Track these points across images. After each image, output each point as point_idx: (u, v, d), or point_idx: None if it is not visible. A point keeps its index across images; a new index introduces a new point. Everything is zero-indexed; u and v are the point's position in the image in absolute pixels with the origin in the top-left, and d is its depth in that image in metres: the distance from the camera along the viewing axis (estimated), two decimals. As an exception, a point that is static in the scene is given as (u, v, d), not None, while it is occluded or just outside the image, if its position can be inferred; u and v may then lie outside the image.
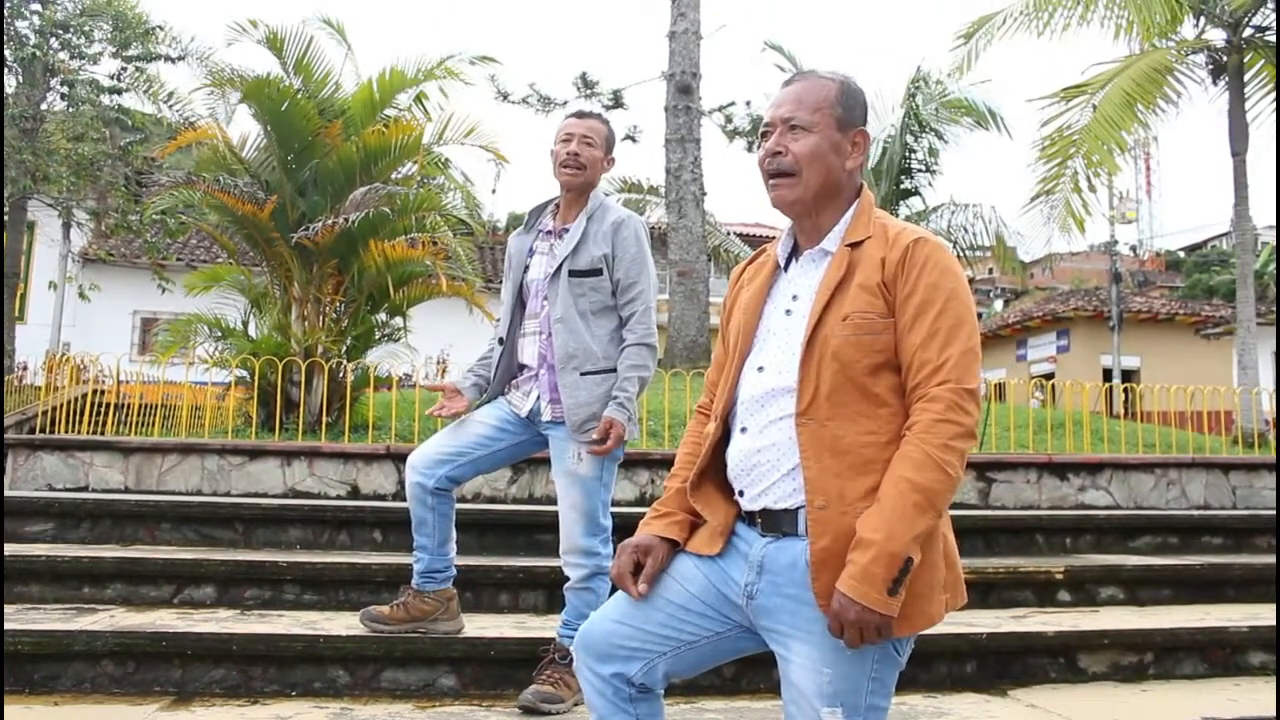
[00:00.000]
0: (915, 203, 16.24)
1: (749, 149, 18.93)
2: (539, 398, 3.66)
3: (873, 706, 1.96)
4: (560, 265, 3.63)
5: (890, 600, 1.83)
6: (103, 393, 10.28)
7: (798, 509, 1.99)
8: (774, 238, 2.26)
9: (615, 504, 6.41)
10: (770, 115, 2.13)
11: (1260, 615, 4.87)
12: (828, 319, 2.00)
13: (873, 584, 1.82)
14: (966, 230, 16.03)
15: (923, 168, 16.05)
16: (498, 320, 3.95)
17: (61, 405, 9.99)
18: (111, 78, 17.18)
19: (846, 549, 1.89)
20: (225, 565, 4.68)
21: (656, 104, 14.86)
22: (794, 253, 2.20)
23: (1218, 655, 4.52)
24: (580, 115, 3.80)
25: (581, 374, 3.57)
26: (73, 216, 18.34)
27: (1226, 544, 6.36)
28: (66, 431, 9.71)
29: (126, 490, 6.66)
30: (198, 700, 3.70)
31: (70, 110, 16.91)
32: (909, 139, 15.58)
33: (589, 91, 18.20)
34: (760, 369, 2.09)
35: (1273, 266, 38.12)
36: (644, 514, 2.26)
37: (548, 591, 4.62)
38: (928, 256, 1.99)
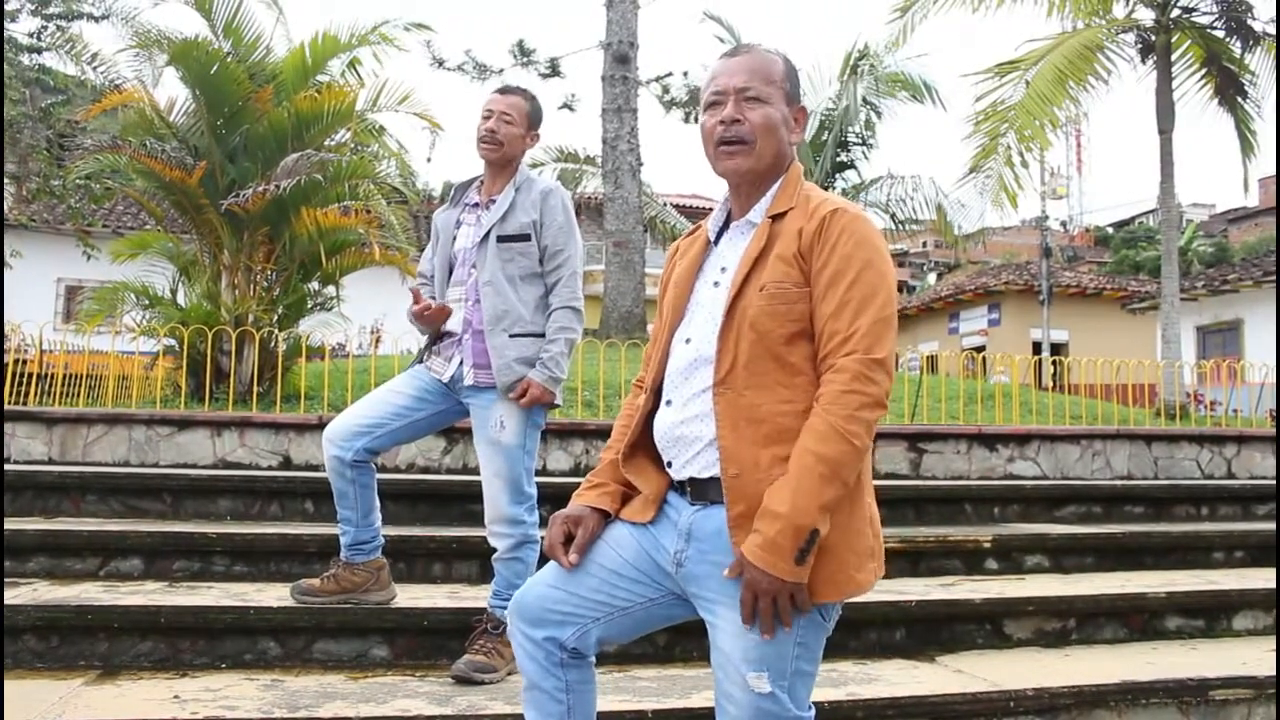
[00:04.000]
0: (852, 175, 16.36)
1: (686, 120, 18.89)
2: (461, 363, 3.65)
3: (799, 672, 1.99)
4: (488, 232, 3.63)
5: (798, 569, 1.88)
6: (25, 362, 10.01)
7: (719, 478, 2.01)
8: (710, 209, 2.27)
9: (550, 474, 6.47)
10: (722, 84, 2.12)
11: (1176, 582, 5.03)
12: (747, 290, 2.03)
13: (780, 554, 1.87)
14: (905, 202, 16.13)
15: (859, 141, 16.15)
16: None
17: (-20, 375, 9.71)
18: (31, 36, 16.60)
19: None
20: (153, 537, 4.58)
21: (594, 73, 14.78)
22: (725, 226, 2.23)
23: (1137, 621, 4.64)
24: (504, 91, 3.79)
25: (510, 335, 3.58)
26: (-9, 180, 17.74)
27: (1147, 513, 6.55)
28: (-13, 402, 9.44)
29: (50, 462, 6.50)
30: (125, 674, 3.63)
31: (-13, 69, 16.34)
32: (846, 113, 15.63)
33: (526, 59, 18.03)
34: (687, 340, 2.11)
35: (1196, 243, 39.43)
36: (579, 484, 2.27)
37: (481, 562, 4.60)
38: (844, 227, 2.01)
